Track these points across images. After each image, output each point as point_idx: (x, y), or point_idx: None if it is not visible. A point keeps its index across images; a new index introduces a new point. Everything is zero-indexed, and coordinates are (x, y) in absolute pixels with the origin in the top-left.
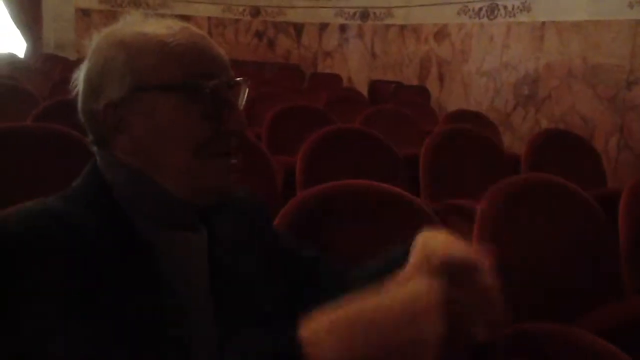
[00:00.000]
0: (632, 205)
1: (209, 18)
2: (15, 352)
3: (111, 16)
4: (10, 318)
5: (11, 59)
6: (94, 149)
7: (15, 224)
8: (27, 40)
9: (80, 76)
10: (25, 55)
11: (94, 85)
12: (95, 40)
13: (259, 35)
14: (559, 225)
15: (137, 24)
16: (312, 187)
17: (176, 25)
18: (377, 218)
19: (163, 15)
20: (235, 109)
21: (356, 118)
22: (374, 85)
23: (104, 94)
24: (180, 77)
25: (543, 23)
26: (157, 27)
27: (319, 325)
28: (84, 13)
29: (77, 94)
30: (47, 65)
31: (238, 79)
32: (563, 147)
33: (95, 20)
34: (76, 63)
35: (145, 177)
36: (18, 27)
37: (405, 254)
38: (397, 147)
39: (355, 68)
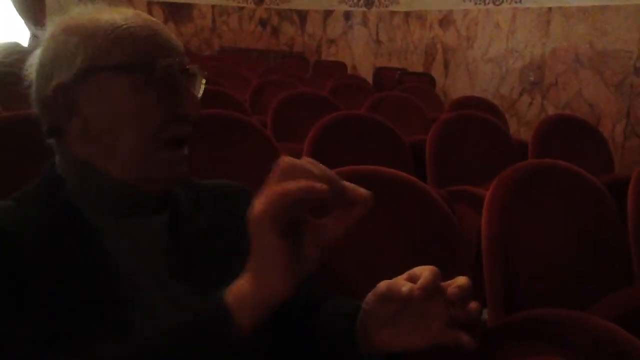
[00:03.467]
0: None
1: (213, 6)
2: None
3: (114, 5)
4: None
5: (15, 48)
6: (52, 142)
7: None
8: (30, 29)
9: (32, 65)
10: (29, 44)
11: (46, 72)
12: (49, 28)
13: (262, 23)
14: (568, 211)
15: (90, 12)
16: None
17: (129, 11)
18: (385, 203)
19: (166, 3)
20: (189, 93)
21: (361, 105)
22: (379, 73)
23: (55, 78)
24: (131, 57)
25: (549, 8)
26: (111, 13)
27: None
28: (89, 1)
29: (30, 84)
30: None
31: (192, 66)
32: (570, 133)
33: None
34: None
35: (94, 169)
36: (21, 16)
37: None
38: (403, 134)
39: (360, 55)
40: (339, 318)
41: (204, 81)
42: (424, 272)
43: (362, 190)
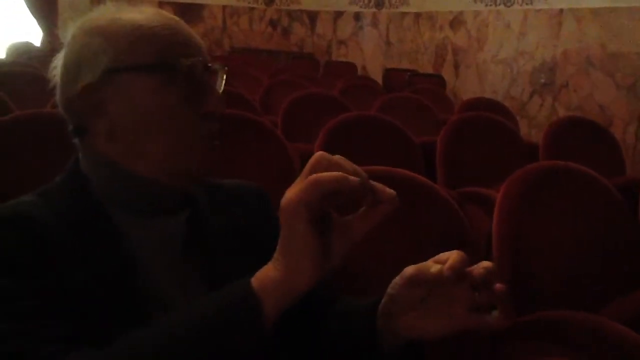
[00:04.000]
0: None
1: (224, 7)
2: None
3: (126, 4)
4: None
5: (28, 48)
6: (76, 141)
7: None
8: (42, 29)
9: (57, 67)
10: (41, 44)
11: (70, 74)
12: (71, 30)
13: (273, 23)
14: (579, 212)
15: (111, 12)
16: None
17: (150, 10)
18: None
19: (177, 4)
20: (213, 91)
21: (371, 106)
22: (389, 74)
23: (81, 79)
24: (154, 57)
25: (561, 10)
26: (131, 12)
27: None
28: (99, 2)
29: (54, 87)
30: None
31: (214, 63)
32: (581, 135)
33: None
34: None
35: (120, 167)
36: (34, 16)
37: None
38: (413, 135)
39: (370, 56)
40: (357, 310)
41: (224, 77)
42: (452, 255)
43: (389, 190)
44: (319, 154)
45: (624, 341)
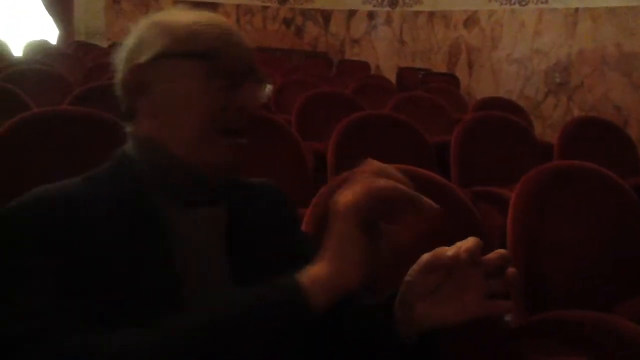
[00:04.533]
0: None
1: (238, 5)
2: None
3: (140, 4)
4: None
5: (44, 46)
6: (126, 127)
7: (15, 209)
8: (58, 27)
9: (119, 54)
10: (57, 42)
11: (128, 57)
12: (137, 26)
13: (286, 22)
14: (594, 212)
15: (173, 12)
16: (344, 172)
17: (209, 14)
18: None
19: (191, 2)
20: (251, 89)
21: (385, 105)
22: (402, 73)
23: (134, 61)
24: (203, 47)
25: (576, 9)
26: (192, 13)
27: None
28: (114, 1)
29: (115, 73)
30: (80, 52)
31: (261, 72)
32: (596, 135)
33: (125, 8)
34: (108, 50)
35: (161, 147)
36: (50, 14)
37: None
38: (427, 134)
39: (383, 55)
40: (375, 303)
41: (269, 87)
42: (467, 240)
43: (434, 204)
44: (372, 162)
45: (636, 340)
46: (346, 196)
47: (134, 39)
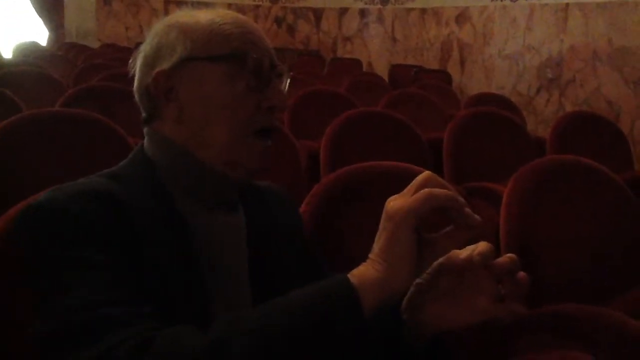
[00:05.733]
0: None
1: (229, 5)
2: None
3: (132, 4)
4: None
5: (34, 47)
6: (144, 129)
7: (63, 201)
8: (49, 28)
9: (137, 58)
10: (47, 43)
11: (148, 62)
12: (154, 26)
13: (278, 21)
14: (588, 207)
15: (190, 12)
16: (337, 170)
17: (226, 12)
18: None
19: (183, 2)
20: (276, 87)
21: (378, 102)
22: (395, 70)
23: (157, 67)
24: (226, 49)
25: (567, 4)
26: (208, 12)
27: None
28: (105, 1)
29: (132, 77)
30: (71, 53)
31: (281, 65)
32: (589, 130)
33: (116, 9)
34: (99, 51)
35: (186, 151)
36: (40, 15)
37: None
38: (420, 131)
39: (376, 53)
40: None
41: (289, 80)
42: (479, 244)
43: (477, 216)
44: (428, 173)
45: (634, 334)
46: (401, 202)
47: (152, 43)
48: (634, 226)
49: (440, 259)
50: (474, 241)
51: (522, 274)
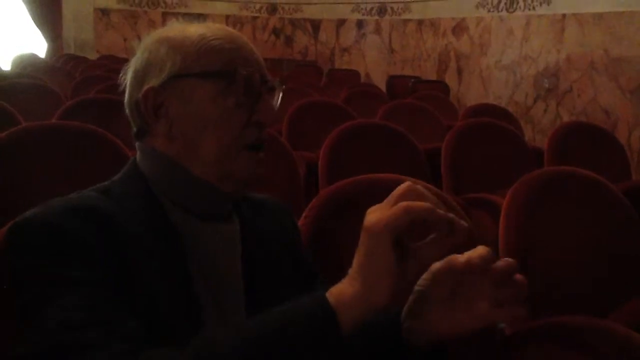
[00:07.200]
0: None
1: (227, 16)
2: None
3: (130, 16)
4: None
5: (33, 59)
6: (136, 143)
7: (50, 217)
8: (47, 40)
9: (127, 72)
10: (46, 55)
11: (138, 78)
12: (143, 40)
13: (276, 32)
14: (586, 218)
15: (180, 26)
16: (335, 182)
17: (215, 25)
18: None
19: (180, 14)
20: (266, 102)
21: (375, 113)
22: (392, 81)
23: (146, 83)
24: (216, 65)
25: (563, 15)
26: (198, 26)
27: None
28: (103, 13)
29: (123, 90)
30: (69, 65)
31: (272, 79)
32: (586, 140)
33: (114, 20)
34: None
35: (179, 166)
36: (38, 27)
37: None
38: (418, 142)
39: (373, 64)
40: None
41: (281, 94)
42: (478, 248)
43: (463, 222)
44: (407, 184)
45: (632, 346)
46: (378, 216)
47: (142, 58)
48: (631, 236)
49: (438, 264)
50: (468, 248)
51: (519, 276)
